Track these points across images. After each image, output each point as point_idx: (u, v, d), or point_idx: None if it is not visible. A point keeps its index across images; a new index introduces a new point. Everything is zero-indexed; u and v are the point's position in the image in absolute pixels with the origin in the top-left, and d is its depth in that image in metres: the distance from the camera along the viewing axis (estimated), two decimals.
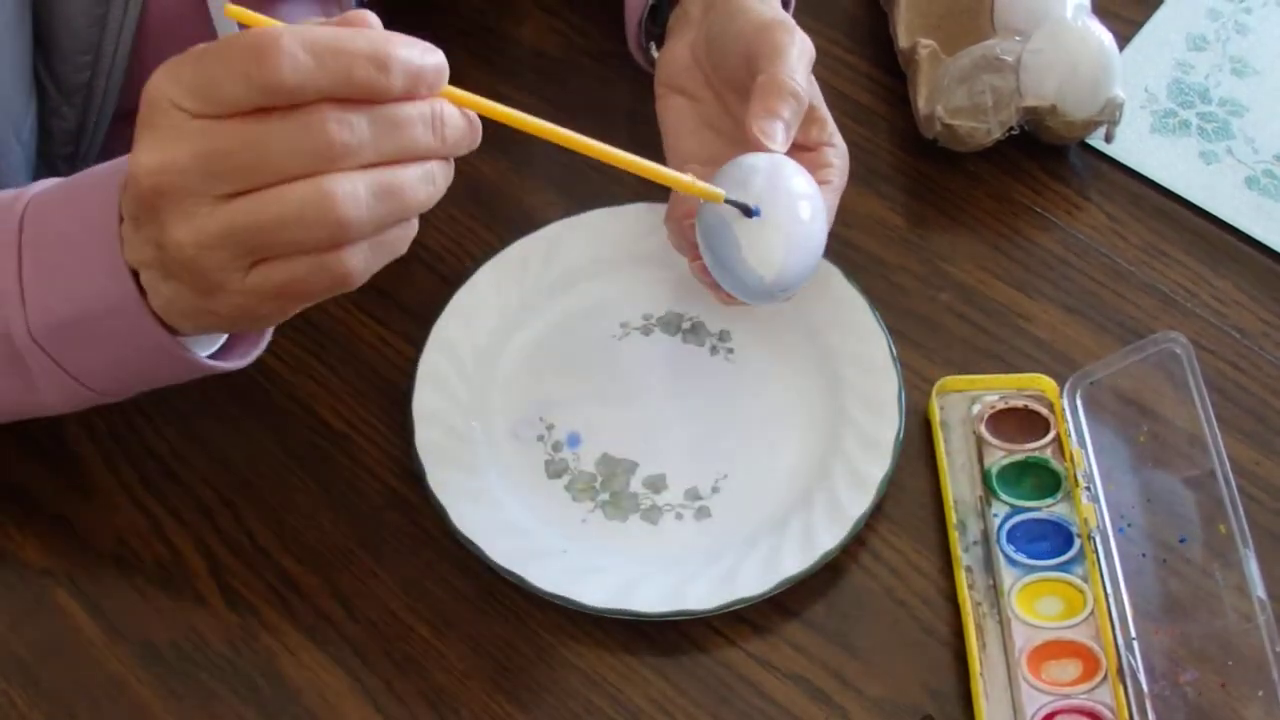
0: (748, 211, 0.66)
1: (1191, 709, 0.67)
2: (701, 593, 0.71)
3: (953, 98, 0.85)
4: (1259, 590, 0.68)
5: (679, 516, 0.75)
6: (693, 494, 0.76)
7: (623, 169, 0.63)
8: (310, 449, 0.78)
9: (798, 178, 0.68)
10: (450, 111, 0.57)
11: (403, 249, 0.59)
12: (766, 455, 0.77)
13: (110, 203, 0.60)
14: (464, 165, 0.88)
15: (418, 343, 0.79)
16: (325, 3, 0.84)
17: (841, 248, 0.83)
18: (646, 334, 0.81)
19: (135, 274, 0.60)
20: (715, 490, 0.76)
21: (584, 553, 0.74)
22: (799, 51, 0.72)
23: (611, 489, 0.76)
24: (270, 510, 0.76)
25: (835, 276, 0.80)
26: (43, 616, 0.73)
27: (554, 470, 0.77)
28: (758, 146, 0.69)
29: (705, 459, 0.77)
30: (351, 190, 0.54)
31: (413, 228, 0.58)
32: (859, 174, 0.81)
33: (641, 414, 0.79)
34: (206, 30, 0.78)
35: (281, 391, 0.80)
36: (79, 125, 0.78)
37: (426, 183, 0.57)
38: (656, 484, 0.76)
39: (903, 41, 0.90)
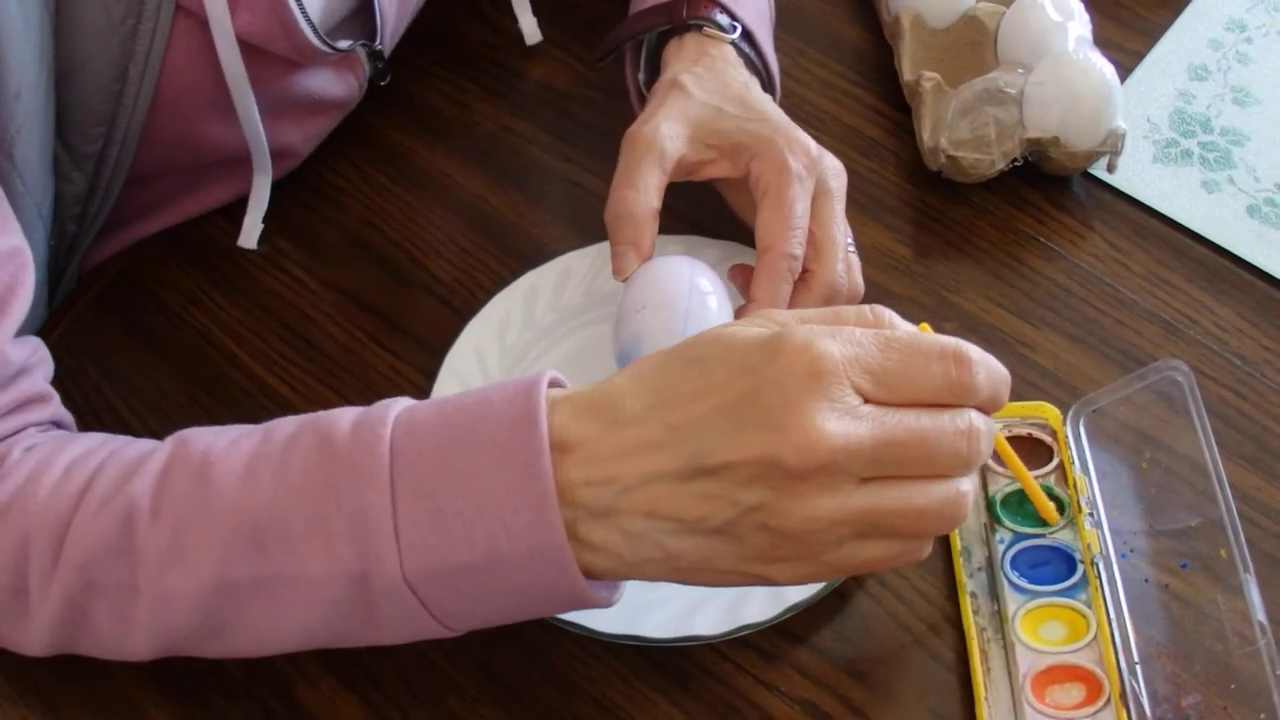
0: None
1: None
2: (710, 619, 0.71)
3: (956, 130, 0.86)
4: (1260, 615, 0.69)
5: None
6: None
7: None
8: None
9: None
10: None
11: None
12: None
13: (538, 448, 0.59)
14: (476, 198, 0.90)
15: (430, 373, 0.80)
16: (341, 70, 0.86)
17: None
18: None
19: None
20: None
21: None
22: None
23: None
24: None
25: None
26: None
27: None
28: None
29: None
30: (970, 492, 0.60)
31: None
32: (865, 205, 0.82)
33: None
34: (220, 96, 0.79)
35: None
36: (88, 190, 0.79)
37: None
38: None
39: (907, 74, 0.92)
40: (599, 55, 0.87)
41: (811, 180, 0.75)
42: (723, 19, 0.81)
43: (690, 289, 0.71)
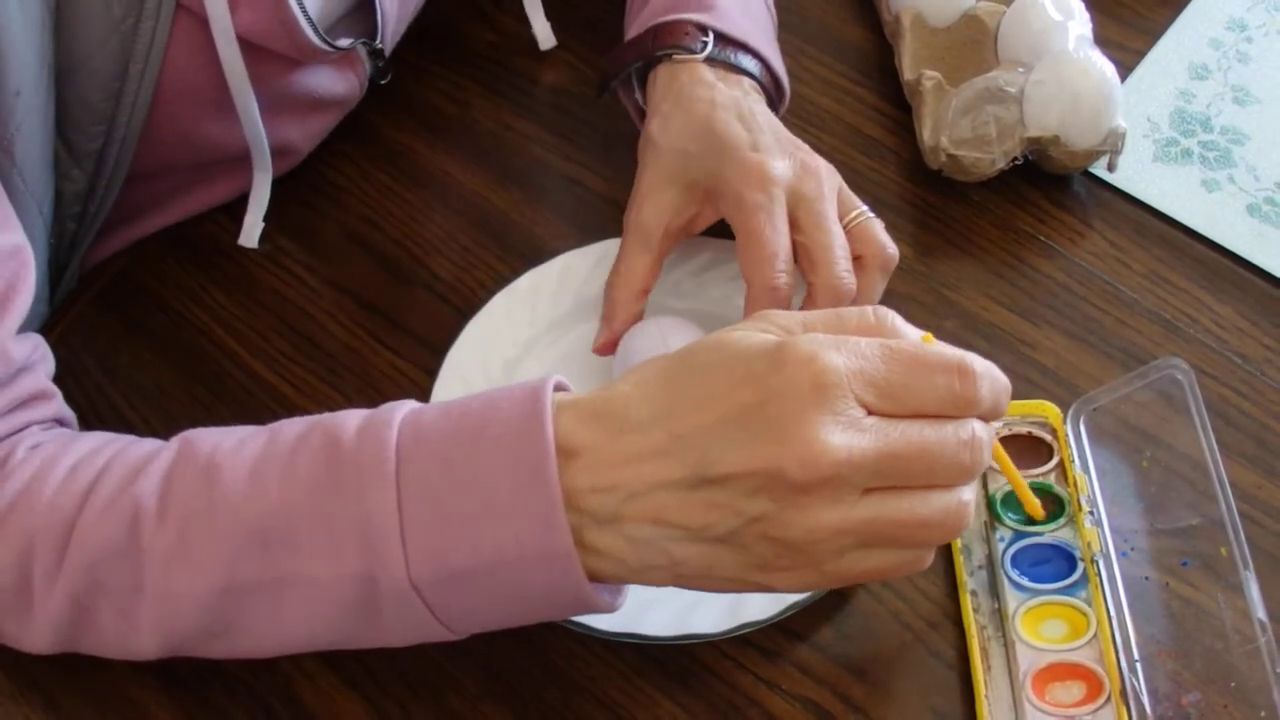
0: None
1: None
2: (710, 617, 0.71)
3: (957, 129, 0.86)
4: (1260, 612, 0.69)
5: None
6: None
7: None
8: None
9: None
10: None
11: None
12: None
13: (544, 450, 0.59)
14: (476, 196, 0.91)
15: (431, 371, 0.80)
16: (341, 68, 0.86)
17: None
18: None
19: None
20: None
21: None
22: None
23: None
24: None
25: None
26: None
27: None
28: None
29: None
30: (971, 501, 0.60)
31: None
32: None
33: None
34: (220, 94, 0.79)
35: None
36: (89, 188, 0.79)
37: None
38: None
39: (908, 73, 0.92)
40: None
41: (775, 200, 0.75)
42: (693, 42, 0.81)
43: (665, 351, 0.72)
